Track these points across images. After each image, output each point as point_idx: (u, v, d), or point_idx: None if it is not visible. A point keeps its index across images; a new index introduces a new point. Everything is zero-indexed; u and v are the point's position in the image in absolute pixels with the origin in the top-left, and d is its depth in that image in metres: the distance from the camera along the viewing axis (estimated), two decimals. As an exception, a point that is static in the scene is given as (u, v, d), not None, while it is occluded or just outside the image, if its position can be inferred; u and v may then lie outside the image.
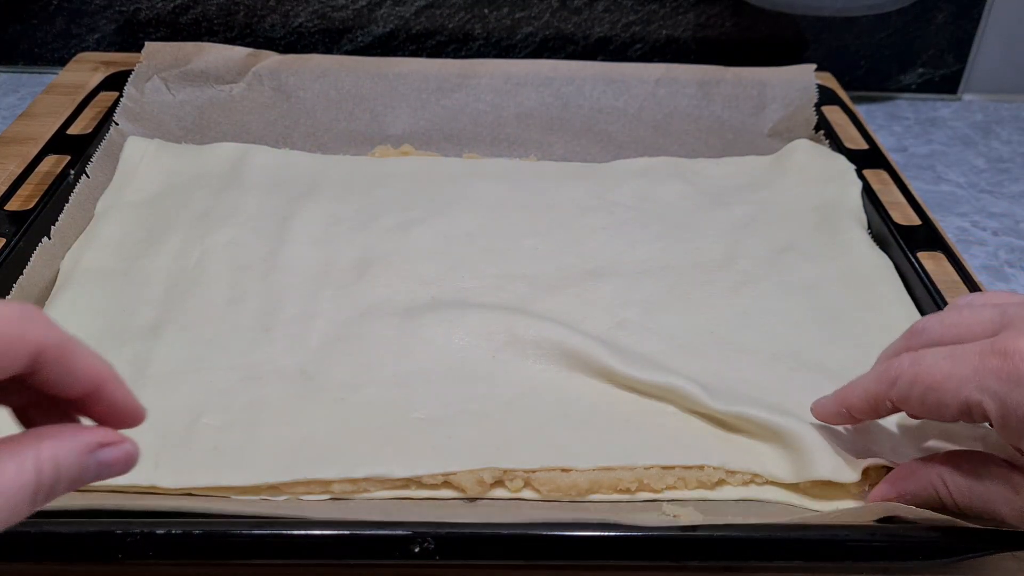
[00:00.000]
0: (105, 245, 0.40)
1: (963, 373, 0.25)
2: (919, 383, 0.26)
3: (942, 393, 0.25)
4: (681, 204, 0.45)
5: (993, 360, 0.24)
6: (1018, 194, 0.54)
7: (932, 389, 0.26)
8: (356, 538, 0.27)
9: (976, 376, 0.25)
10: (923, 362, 0.26)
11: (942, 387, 0.25)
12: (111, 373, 0.22)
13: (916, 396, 0.26)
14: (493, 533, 0.27)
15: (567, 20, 0.61)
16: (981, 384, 0.24)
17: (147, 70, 0.50)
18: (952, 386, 0.25)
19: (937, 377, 0.26)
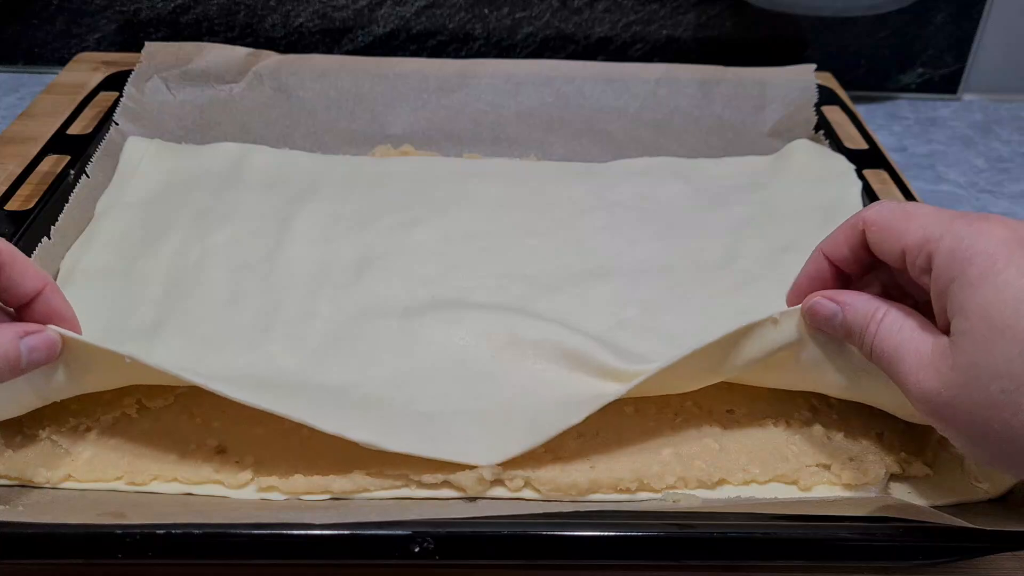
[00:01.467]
0: (105, 245, 0.40)
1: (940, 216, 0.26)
2: (899, 209, 0.27)
3: (913, 222, 0.27)
4: (681, 204, 0.45)
5: (967, 215, 0.26)
6: (1018, 194, 0.54)
7: (908, 216, 0.27)
8: (356, 538, 0.27)
9: (951, 219, 0.26)
10: (909, 203, 0.28)
11: (917, 218, 0.27)
12: (51, 281, 0.27)
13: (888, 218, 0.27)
14: (493, 533, 0.27)
15: (567, 20, 0.61)
16: (951, 224, 0.26)
17: (147, 70, 0.50)
18: (926, 220, 0.26)
19: (917, 211, 0.27)
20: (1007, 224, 0.25)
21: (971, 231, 0.25)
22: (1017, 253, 0.24)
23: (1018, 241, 0.25)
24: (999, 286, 0.24)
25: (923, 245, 0.26)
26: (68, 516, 0.27)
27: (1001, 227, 0.25)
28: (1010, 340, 0.24)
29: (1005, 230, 0.25)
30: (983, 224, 0.25)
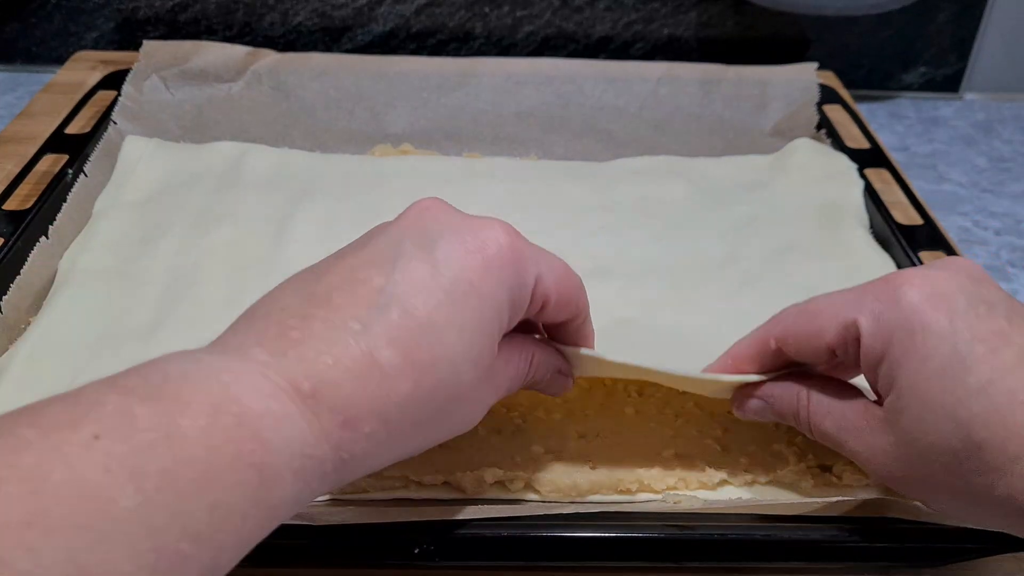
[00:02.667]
0: (103, 245, 0.40)
1: (847, 298, 0.26)
2: (804, 312, 0.27)
3: (822, 318, 0.26)
4: (682, 203, 0.45)
5: (880, 284, 0.25)
6: (1020, 193, 0.54)
7: (814, 316, 0.26)
8: (356, 539, 0.27)
9: (857, 299, 0.25)
10: (810, 301, 0.27)
11: (823, 312, 0.26)
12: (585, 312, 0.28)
13: (798, 326, 0.27)
14: (493, 534, 0.27)
15: (568, 19, 0.60)
16: (860, 305, 0.25)
17: (145, 69, 0.50)
18: (832, 311, 0.26)
19: (820, 305, 0.26)
20: (920, 280, 0.24)
21: (885, 306, 0.24)
22: (935, 316, 0.23)
23: (934, 299, 0.24)
24: (922, 359, 0.23)
25: (844, 336, 0.25)
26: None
27: (914, 289, 0.24)
28: (941, 415, 0.23)
29: (918, 292, 0.24)
30: (895, 291, 0.24)
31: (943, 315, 0.23)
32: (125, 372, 0.20)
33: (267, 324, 0.22)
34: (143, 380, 0.19)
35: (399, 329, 0.22)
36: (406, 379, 0.22)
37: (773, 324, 0.28)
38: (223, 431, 0.19)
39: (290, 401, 0.20)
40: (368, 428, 0.21)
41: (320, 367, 0.21)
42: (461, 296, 0.23)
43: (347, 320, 0.22)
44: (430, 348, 0.22)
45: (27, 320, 0.37)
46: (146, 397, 0.18)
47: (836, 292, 0.27)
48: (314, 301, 0.22)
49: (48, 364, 0.34)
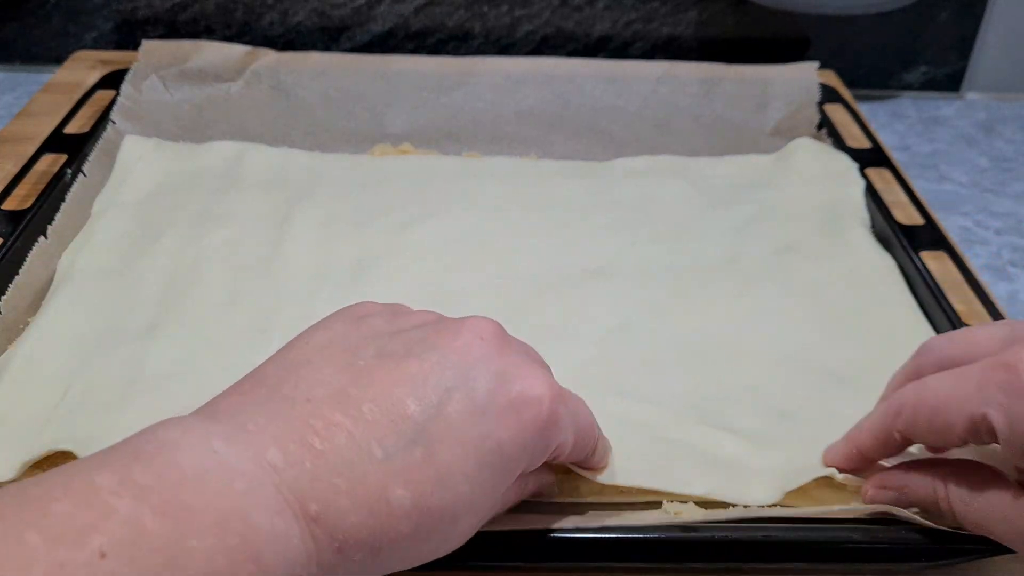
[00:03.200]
0: (102, 245, 0.40)
1: (967, 390, 0.24)
2: (924, 406, 0.25)
3: (947, 413, 0.25)
4: (682, 203, 0.45)
5: (998, 373, 0.24)
6: (1021, 193, 0.54)
7: (937, 411, 0.25)
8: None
9: (980, 391, 0.24)
10: (927, 386, 0.26)
11: (947, 407, 0.25)
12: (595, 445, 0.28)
13: (923, 421, 0.25)
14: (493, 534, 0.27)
15: (568, 18, 0.60)
16: (986, 398, 0.24)
17: (144, 68, 0.50)
18: (956, 404, 0.24)
19: (941, 397, 0.25)
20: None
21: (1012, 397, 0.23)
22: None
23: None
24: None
25: (976, 430, 0.24)
26: None
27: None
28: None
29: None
30: (1015, 377, 0.23)
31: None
32: (140, 453, 0.19)
33: (290, 417, 0.21)
34: (158, 478, 0.18)
35: (419, 471, 0.21)
36: (410, 521, 0.21)
37: (891, 415, 0.27)
38: (227, 552, 0.18)
39: (294, 521, 0.20)
40: (359, 556, 0.21)
41: (332, 491, 0.20)
42: (487, 453, 0.22)
43: (371, 442, 0.21)
44: (441, 497, 0.22)
45: (26, 320, 0.36)
46: (159, 508, 0.18)
47: (952, 377, 0.25)
48: (345, 403, 0.21)
49: (47, 364, 0.34)
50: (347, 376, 0.22)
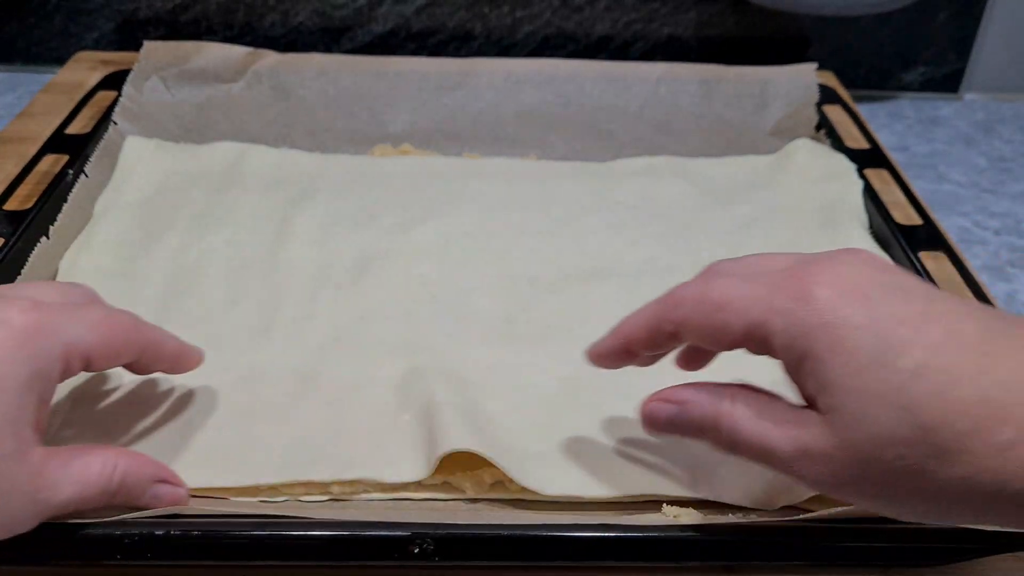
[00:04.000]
0: (103, 245, 0.40)
1: (756, 293, 0.24)
2: (707, 302, 0.25)
3: (729, 313, 0.24)
4: (682, 203, 0.45)
5: (787, 281, 0.24)
6: (1020, 193, 0.54)
7: (720, 308, 0.25)
8: (355, 539, 0.27)
9: (768, 298, 0.24)
10: (713, 283, 0.25)
11: (731, 306, 0.24)
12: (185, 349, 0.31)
13: (701, 316, 0.25)
14: (493, 534, 0.27)
15: (568, 18, 0.61)
16: (772, 305, 0.24)
17: (146, 69, 0.50)
18: (741, 306, 0.24)
19: (728, 296, 0.25)
20: (830, 275, 0.23)
21: (797, 305, 0.23)
22: (854, 308, 0.22)
23: (848, 293, 0.23)
24: (850, 352, 0.22)
25: (752, 335, 0.24)
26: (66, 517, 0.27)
27: (825, 287, 0.23)
28: (882, 406, 0.22)
29: (830, 289, 0.23)
30: (806, 289, 0.23)
31: (861, 306, 0.23)
32: None
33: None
34: None
35: None
36: None
37: (670, 306, 0.26)
38: None
39: None
40: None
41: None
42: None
43: None
44: None
45: (27, 320, 0.37)
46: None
47: (739, 280, 0.25)
48: None
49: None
50: None
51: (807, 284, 0.23)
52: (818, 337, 0.23)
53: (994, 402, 0.21)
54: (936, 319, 0.22)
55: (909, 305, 0.23)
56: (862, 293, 0.23)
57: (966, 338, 0.22)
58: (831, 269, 0.24)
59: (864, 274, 0.23)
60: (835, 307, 0.23)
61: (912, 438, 0.22)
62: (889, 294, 0.23)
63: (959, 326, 0.22)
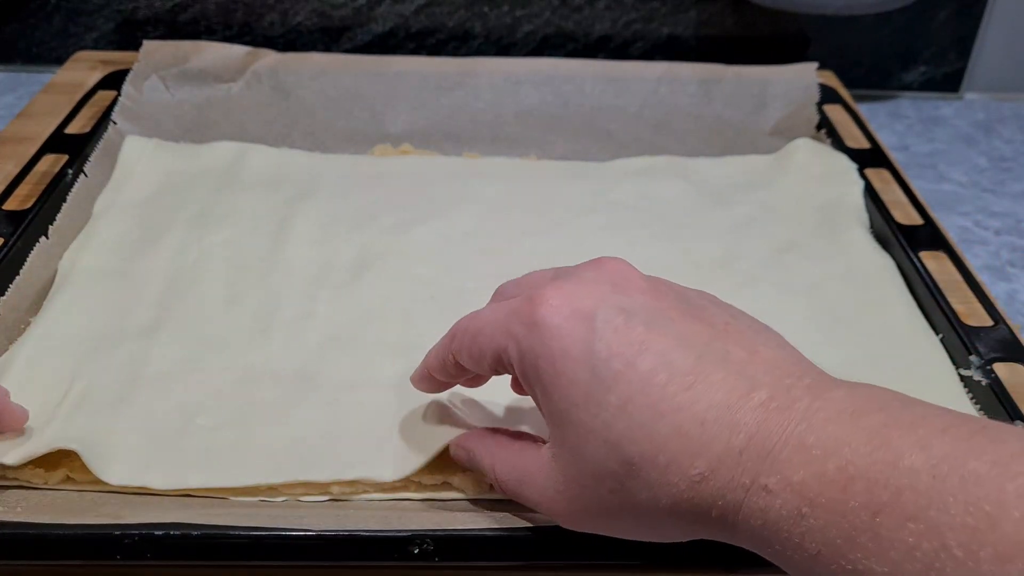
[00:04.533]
0: (103, 245, 0.40)
1: (499, 319, 0.25)
2: (467, 332, 0.26)
3: (482, 340, 0.25)
4: (682, 203, 0.45)
5: (523, 305, 0.24)
6: (1020, 193, 0.54)
7: (476, 337, 0.26)
8: (355, 539, 0.27)
9: (507, 321, 0.24)
10: (477, 314, 0.26)
11: (482, 333, 0.25)
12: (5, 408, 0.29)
13: (465, 346, 0.26)
14: (493, 534, 0.27)
15: (567, 18, 0.60)
16: (509, 329, 0.24)
17: (145, 69, 0.50)
18: (489, 331, 0.25)
19: (480, 324, 0.26)
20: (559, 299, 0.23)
21: (526, 330, 0.24)
22: (572, 339, 0.23)
23: (572, 320, 0.23)
24: (568, 385, 0.23)
25: (499, 360, 0.25)
26: (66, 517, 0.27)
27: (551, 311, 0.23)
28: (594, 441, 0.22)
29: (555, 313, 0.23)
30: (533, 314, 0.23)
31: (580, 336, 0.23)
32: None
33: None
34: None
35: None
36: None
37: (449, 336, 0.27)
38: None
39: None
40: None
41: None
42: None
43: None
44: None
45: (27, 320, 0.37)
46: None
47: (495, 307, 0.26)
48: None
49: (48, 364, 0.34)
50: None
51: (536, 309, 0.24)
52: (543, 367, 0.23)
53: (690, 437, 0.21)
54: (650, 349, 0.22)
55: (628, 333, 0.23)
56: (586, 321, 0.23)
57: (675, 369, 0.22)
58: (565, 290, 0.24)
59: (594, 296, 0.23)
60: (557, 335, 0.23)
61: (621, 472, 0.22)
62: (611, 321, 0.23)
63: (671, 356, 0.22)
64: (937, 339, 0.36)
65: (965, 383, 0.34)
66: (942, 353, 0.36)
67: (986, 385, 0.34)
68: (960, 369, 0.35)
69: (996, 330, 0.36)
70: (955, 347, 0.36)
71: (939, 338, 0.36)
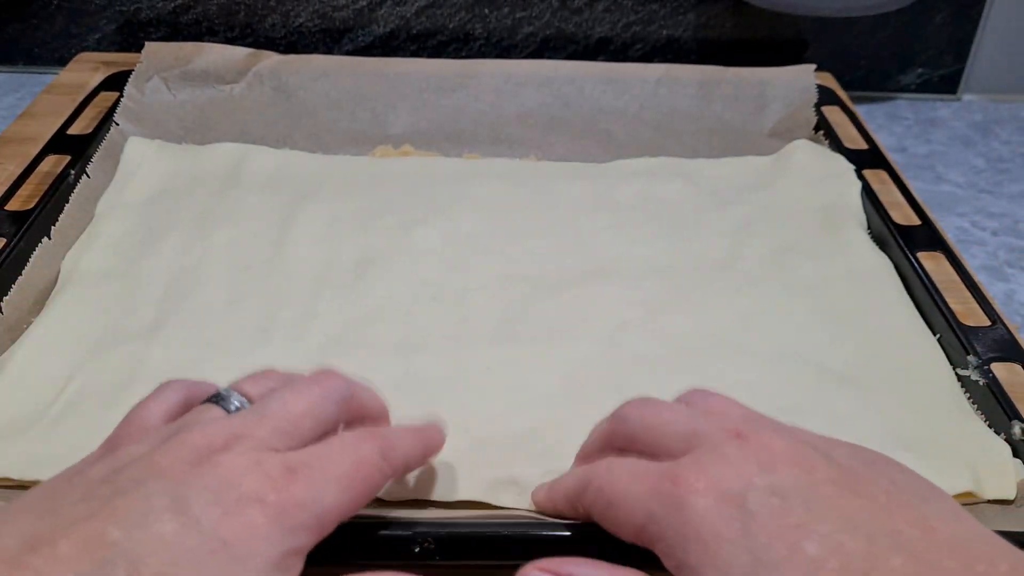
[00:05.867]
0: (105, 245, 0.40)
1: (639, 493, 0.24)
2: (603, 495, 0.25)
3: (618, 510, 0.24)
4: (681, 204, 0.45)
5: (664, 484, 0.23)
6: (1018, 194, 0.54)
7: (612, 506, 0.25)
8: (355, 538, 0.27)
9: (647, 501, 0.23)
10: (613, 472, 0.25)
11: (620, 505, 0.24)
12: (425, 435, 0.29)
13: (600, 511, 0.25)
14: (493, 533, 0.27)
15: (568, 20, 0.61)
16: (649, 510, 0.23)
17: (147, 70, 0.50)
18: (627, 506, 0.24)
19: (619, 493, 0.24)
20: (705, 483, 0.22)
21: (671, 513, 0.22)
22: (726, 524, 0.22)
23: (721, 504, 0.22)
24: (723, 568, 0.21)
25: (639, 538, 0.24)
26: None
27: (699, 496, 0.22)
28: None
29: (703, 499, 0.22)
30: (679, 500, 0.22)
31: (735, 520, 0.22)
32: None
33: None
34: None
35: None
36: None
37: (581, 488, 0.26)
38: None
39: None
40: None
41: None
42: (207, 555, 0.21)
43: None
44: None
45: (29, 320, 0.37)
46: None
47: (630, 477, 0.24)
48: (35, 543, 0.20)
49: (49, 363, 0.34)
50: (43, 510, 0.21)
51: (682, 491, 0.23)
52: (692, 549, 0.22)
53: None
54: (814, 532, 0.21)
55: (786, 516, 0.21)
56: (737, 504, 0.22)
57: (846, 553, 0.20)
58: (708, 472, 0.23)
59: (742, 478, 0.22)
60: (708, 521, 0.22)
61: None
62: (766, 504, 0.22)
63: (839, 539, 0.21)
64: (935, 339, 0.37)
65: (963, 383, 0.35)
66: (940, 353, 0.36)
67: (984, 385, 0.34)
68: (958, 369, 0.35)
69: (994, 330, 0.36)
70: (953, 347, 0.36)
71: (937, 338, 0.37)
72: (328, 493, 0.23)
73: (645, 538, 0.24)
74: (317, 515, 0.23)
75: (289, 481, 0.23)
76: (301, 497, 0.23)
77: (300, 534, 0.23)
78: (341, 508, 0.24)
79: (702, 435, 0.24)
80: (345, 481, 0.24)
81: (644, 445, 0.25)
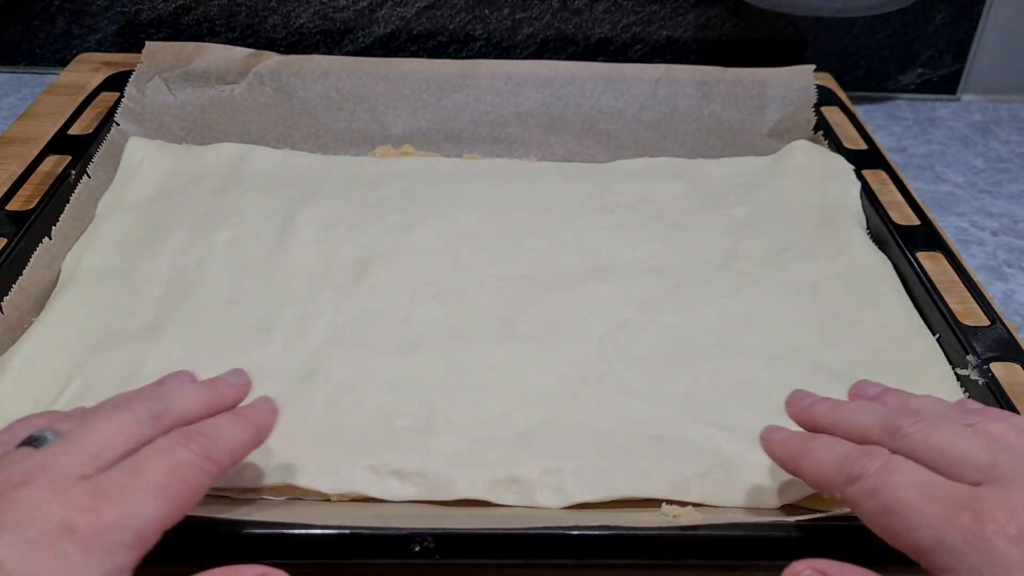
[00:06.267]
0: (106, 245, 0.40)
1: (929, 514, 0.23)
2: (879, 499, 0.24)
3: (898, 522, 0.24)
4: (681, 204, 0.45)
5: (965, 517, 0.23)
6: (1017, 194, 0.54)
7: (890, 513, 0.24)
8: (355, 537, 0.27)
9: (941, 525, 0.23)
10: (894, 475, 0.24)
11: (902, 517, 0.24)
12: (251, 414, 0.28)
13: (871, 510, 0.24)
14: (493, 532, 0.27)
15: (568, 21, 0.61)
16: (940, 536, 0.23)
17: (148, 70, 0.50)
18: (913, 523, 0.23)
19: (901, 503, 0.24)
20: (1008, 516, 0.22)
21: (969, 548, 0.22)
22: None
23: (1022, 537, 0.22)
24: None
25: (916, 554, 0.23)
26: None
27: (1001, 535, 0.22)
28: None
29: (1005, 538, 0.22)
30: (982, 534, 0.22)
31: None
32: None
33: None
34: None
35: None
36: None
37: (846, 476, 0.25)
38: None
39: None
40: None
41: None
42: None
43: None
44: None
45: (30, 320, 0.37)
46: None
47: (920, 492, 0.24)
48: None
49: (50, 363, 0.34)
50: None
51: (983, 526, 0.22)
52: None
53: None
54: None
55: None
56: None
57: None
58: (1009, 505, 0.23)
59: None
60: (1012, 561, 0.22)
61: None
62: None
63: None
64: (934, 339, 0.37)
65: (962, 383, 0.35)
66: (939, 353, 0.36)
67: (983, 384, 0.34)
68: (957, 369, 0.35)
69: (993, 330, 0.36)
70: (952, 347, 0.36)
71: (936, 338, 0.37)
72: (145, 506, 0.23)
73: (928, 562, 0.23)
74: (135, 531, 0.22)
75: (97, 503, 0.22)
76: (113, 517, 0.22)
77: (120, 553, 0.22)
78: (161, 518, 0.23)
79: (1001, 466, 0.24)
80: (162, 491, 0.23)
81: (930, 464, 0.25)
